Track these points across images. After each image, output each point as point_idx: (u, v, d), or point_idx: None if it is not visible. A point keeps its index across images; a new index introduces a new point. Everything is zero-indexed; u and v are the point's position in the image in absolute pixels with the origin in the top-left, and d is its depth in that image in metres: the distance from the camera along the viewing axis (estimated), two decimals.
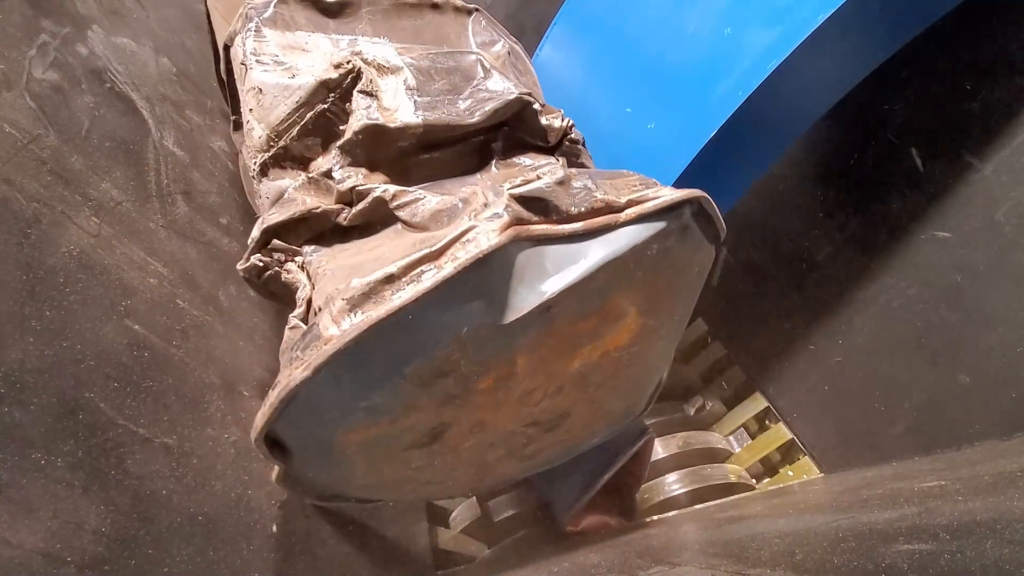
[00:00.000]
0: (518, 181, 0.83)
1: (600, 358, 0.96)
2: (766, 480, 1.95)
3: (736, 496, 1.72)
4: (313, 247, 0.90)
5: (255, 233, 0.93)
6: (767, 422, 2.04)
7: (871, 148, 1.84)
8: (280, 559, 1.00)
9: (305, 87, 0.91)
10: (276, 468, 0.90)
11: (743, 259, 2.16)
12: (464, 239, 0.69)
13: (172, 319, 1.04)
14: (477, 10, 1.25)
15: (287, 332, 0.82)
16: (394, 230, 0.88)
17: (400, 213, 0.86)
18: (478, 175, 1.01)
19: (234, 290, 1.26)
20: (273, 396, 0.71)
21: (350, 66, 0.94)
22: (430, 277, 0.65)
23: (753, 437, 2.03)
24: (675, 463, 1.82)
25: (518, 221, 0.74)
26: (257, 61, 0.94)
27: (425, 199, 0.85)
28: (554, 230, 0.77)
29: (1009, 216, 1.50)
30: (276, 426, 0.75)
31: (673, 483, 1.76)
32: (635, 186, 0.89)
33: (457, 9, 1.22)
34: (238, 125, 1.11)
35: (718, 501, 1.68)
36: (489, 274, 0.71)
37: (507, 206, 0.75)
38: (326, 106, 0.93)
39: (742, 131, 1.29)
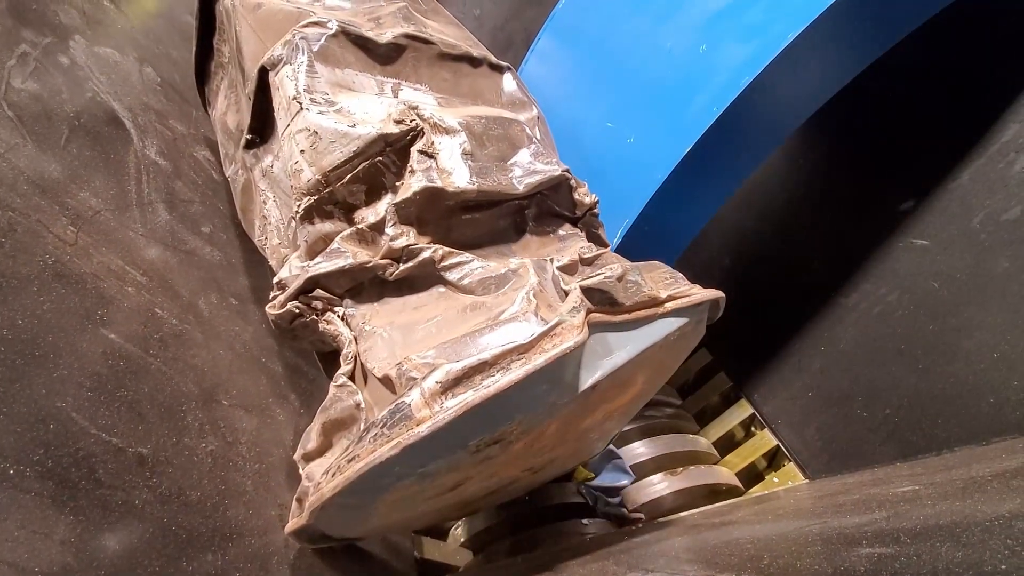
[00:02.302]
0: (565, 261, 0.93)
1: (602, 417, 1.06)
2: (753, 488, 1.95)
3: (722, 503, 1.73)
4: (353, 299, 0.91)
5: (285, 274, 0.92)
6: (753, 429, 2.05)
7: (852, 156, 1.87)
8: (257, 569, 1.00)
9: (364, 137, 0.90)
10: (293, 520, 0.88)
11: (727, 267, 2.18)
12: (552, 333, 0.73)
13: (150, 328, 1.04)
14: (509, 69, 1.28)
15: (333, 389, 0.82)
16: (438, 291, 0.91)
17: (447, 275, 0.89)
18: (515, 244, 1.06)
19: (215, 299, 1.25)
20: (352, 470, 0.71)
21: (412, 124, 0.94)
22: (519, 367, 0.69)
23: (739, 444, 2.04)
24: (658, 465, 1.82)
25: (587, 312, 0.81)
26: (312, 101, 0.92)
27: (472, 263, 0.89)
28: (609, 319, 0.86)
29: (985, 224, 1.53)
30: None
31: (659, 484, 1.76)
32: (666, 279, 1.00)
33: (492, 66, 1.24)
34: (252, 144, 1.07)
35: (703, 508, 1.68)
36: (562, 362, 0.75)
37: (581, 300, 0.80)
38: (381, 158, 0.93)
39: (718, 145, 1.32)
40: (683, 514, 1.70)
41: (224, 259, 1.34)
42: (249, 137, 1.06)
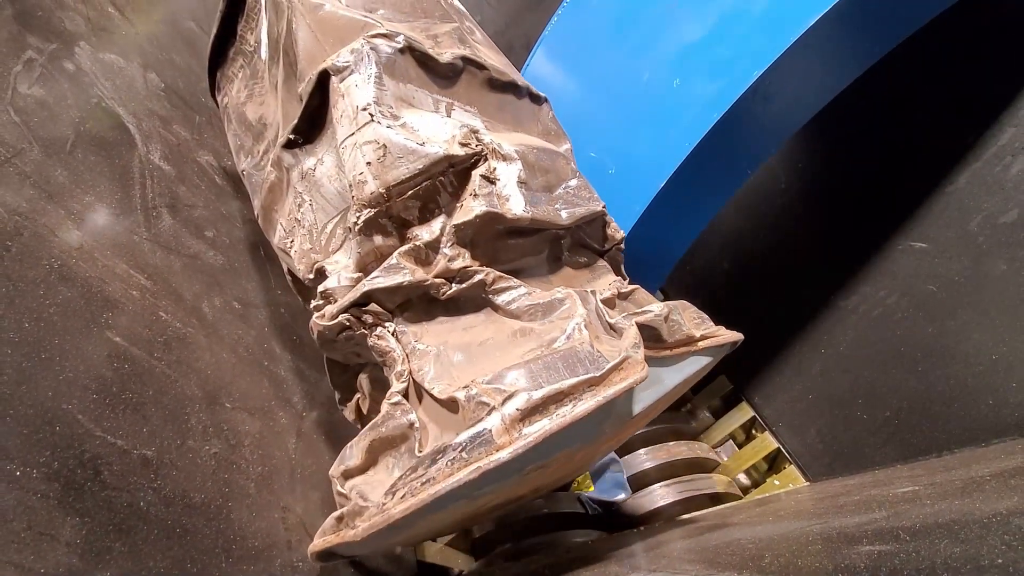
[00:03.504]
0: (607, 294, 0.98)
1: (616, 441, 1.12)
2: (754, 491, 1.95)
3: (723, 506, 1.73)
4: (402, 315, 0.92)
5: (333, 284, 0.92)
6: (753, 431, 2.05)
7: (851, 160, 1.88)
8: (260, 571, 1.00)
9: (431, 156, 0.91)
10: (331, 536, 0.86)
11: (727, 271, 2.19)
12: (621, 367, 0.77)
13: (154, 331, 1.05)
14: (546, 100, 1.30)
15: (387, 406, 0.82)
16: (486, 313, 0.93)
17: (495, 298, 0.91)
18: (551, 271, 1.09)
19: (218, 302, 1.26)
20: (427, 493, 0.70)
21: (478, 148, 0.96)
22: (591, 398, 0.72)
23: (740, 447, 2.04)
24: (662, 474, 1.82)
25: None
26: (381, 114, 0.93)
27: (519, 289, 0.92)
28: (653, 354, 0.92)
29: (982, 227, 1.54)
30: None
31: (660, 494, 1.77)
32: (695, 318, 1.07)
33: (532, 96, 1.26)
34: (293, 144, 1.06)
35: (705, 511, 1.69)
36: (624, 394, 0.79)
37: (639, 337, 0.84)
38: (442, 178, 0.94)
39: (697, 172, 1.36)
40: (683, 516, 1.70)
41: (227, 263, 1.35)
42: (292, 137, 1.05)
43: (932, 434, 1.52)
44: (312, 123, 1.03)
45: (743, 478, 1.97)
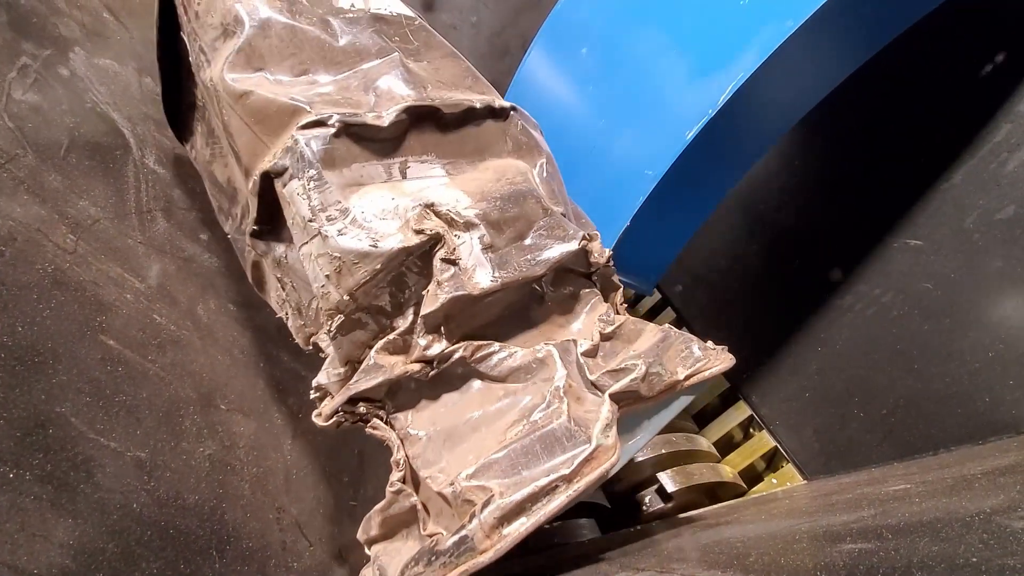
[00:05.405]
0: (586, 345, 0.99)
1: None
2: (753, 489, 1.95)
3: (719, 505, 1.73)
4: (392, 401, 0.96)
5: (323, 381, 0.97)
6: (751, 430, 2.05)
7: (846, 158, 1.88)
8: (254, 572, 1.01)
9: (387, 254, 0.91)
10: None
11: (723, 269, 2.19)
12: (591, 457, 0.81)
13: (148, 334, 1.06)
14: (513, 111, 1.23)
15: (390, 493, 0.88)
16: (472, 385, 0.97)
17: (479, 367, 0.95)
18: (536, 313, 1.08)
19: (213, 305, 1.27)
20: None
21: (433, 233, 0.95)
22: (563, 492, 0.78)
23: (738, 445, 2.04)
24: (659, 464, 1.82)
25: (617, 412, 0.89)
26: (328, 219, 0.92)
27: (501, 352, 0.96)
28: (634, 408, 0.95)
29: (977, 224, 1.54)
30: None
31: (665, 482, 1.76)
32: (682, 351, 1.05)
33: (495, 112, 1.21)
34: (259, 233, 1.05)
35: (700, 510, 1.69)
36: None
37: (612, 414, 0.87)
38: (404, 267, 0.95)
39: (690, 174, 1.36)
40: (679, 516, 1.70)
41: (222, 265, 1.36)
42: (257, 228, 1.05)
43: (928, 432, 1.51)
44: (271, 215, 1.02)
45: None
